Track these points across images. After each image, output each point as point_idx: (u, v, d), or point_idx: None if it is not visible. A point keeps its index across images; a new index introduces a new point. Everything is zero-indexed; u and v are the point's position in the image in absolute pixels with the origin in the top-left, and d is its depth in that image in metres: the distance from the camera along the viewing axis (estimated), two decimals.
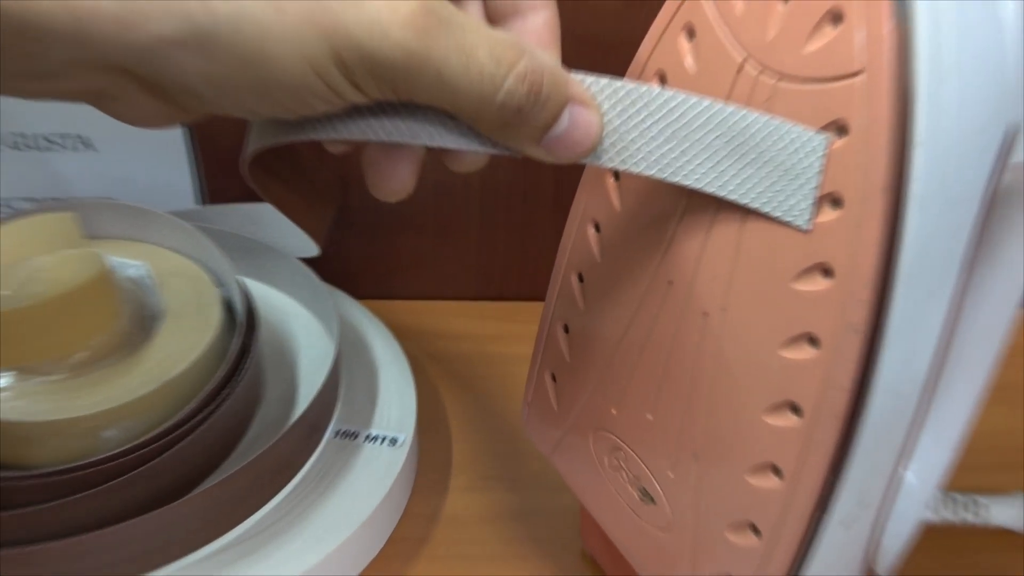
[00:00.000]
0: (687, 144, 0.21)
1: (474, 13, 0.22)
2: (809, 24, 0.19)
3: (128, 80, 0.19)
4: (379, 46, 0.18)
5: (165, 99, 0.19)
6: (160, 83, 0.19)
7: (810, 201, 0.19)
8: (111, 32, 0.17)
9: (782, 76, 0.20)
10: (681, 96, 0.21)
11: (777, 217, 0.20)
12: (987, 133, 0.19)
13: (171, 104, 0.19)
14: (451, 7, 0.18)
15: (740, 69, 0.21)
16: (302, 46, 0.18)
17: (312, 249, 0.42)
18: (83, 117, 0.41)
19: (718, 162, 0.21)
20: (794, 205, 0.20)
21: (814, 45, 0.19)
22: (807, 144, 0.19)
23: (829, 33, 0.19)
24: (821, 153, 0.19)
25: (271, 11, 0.17)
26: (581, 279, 0.26)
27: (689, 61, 0.22)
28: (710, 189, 0.21)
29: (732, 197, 0.21)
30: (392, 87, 0.19)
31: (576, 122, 0.20)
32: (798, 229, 0.20)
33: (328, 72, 0.18)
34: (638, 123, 0.21)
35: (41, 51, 0.17)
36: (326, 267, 0.41)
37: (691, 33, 0.22)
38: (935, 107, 0.18)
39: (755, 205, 0.20)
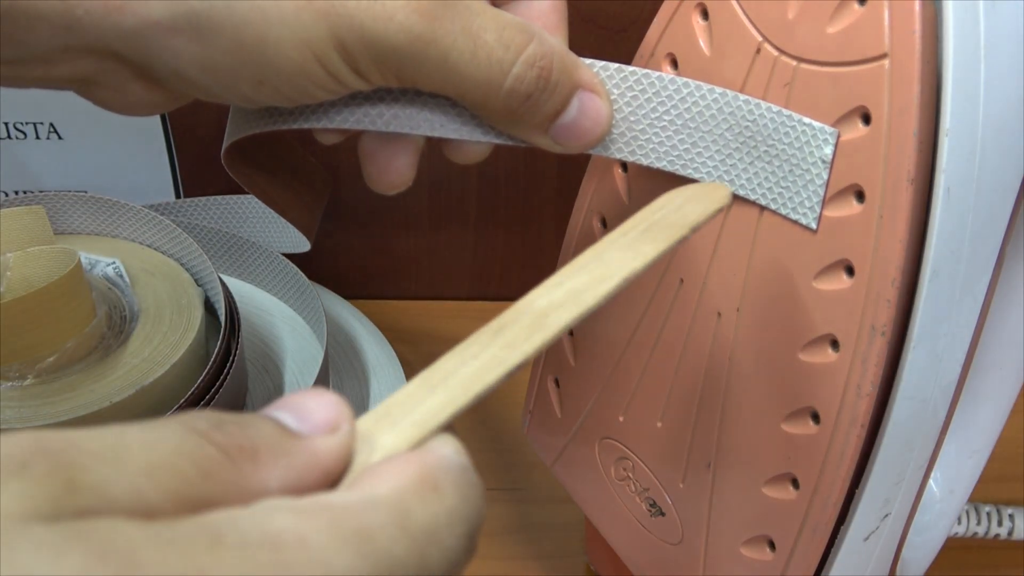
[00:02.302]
0: (698, 135, 0.21)
1: None
2: (833, 2, 0.19)
3: (118, 66, 0.19)
4: (383, 29, 0.18)
5: (156, 85, 0.19)
6: (151, 69, 0.19)
7: (818, 198, 0.19)
8: (99, 15, 0.17)
9: (802, 59, 0.20)
10: (693, 84, 0.21)
11: (785, 215, 0.20)
12: (1020, 122, 0.19)
13: (162, 91, 0.19)
14: None
15: (758, 51, 0.20)
16: (301, 30, 0.18)
17: (300, 244, 0.42)
18: (52, 104, 0.41)
19: (728, 155, 0.21)
20: (802, 202, 0.20)
21: (837, 25, 0.19)
22: (816, 137, 0.19)
23: (854, 12, 0.19)
24: (830, 147, 0.19)
25: None
26: None
27: (703, 43, 0.22)
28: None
29: (741, 193, 0.21)
30: (396, 73, 0.19)
31: (585, 110, 0.20)
32: (806, 228, 0.20)
33: (329, 58, 0.18)
34: (648, 112, 0.21)
35: (30, 36, 0.17)
36: (313, 265, 0.41)
37: (704, 13, 0.22)
38: (964, 93, 0.18)
39: (763, 202, 0.21)
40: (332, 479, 0.13)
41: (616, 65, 0.21)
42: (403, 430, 0.14)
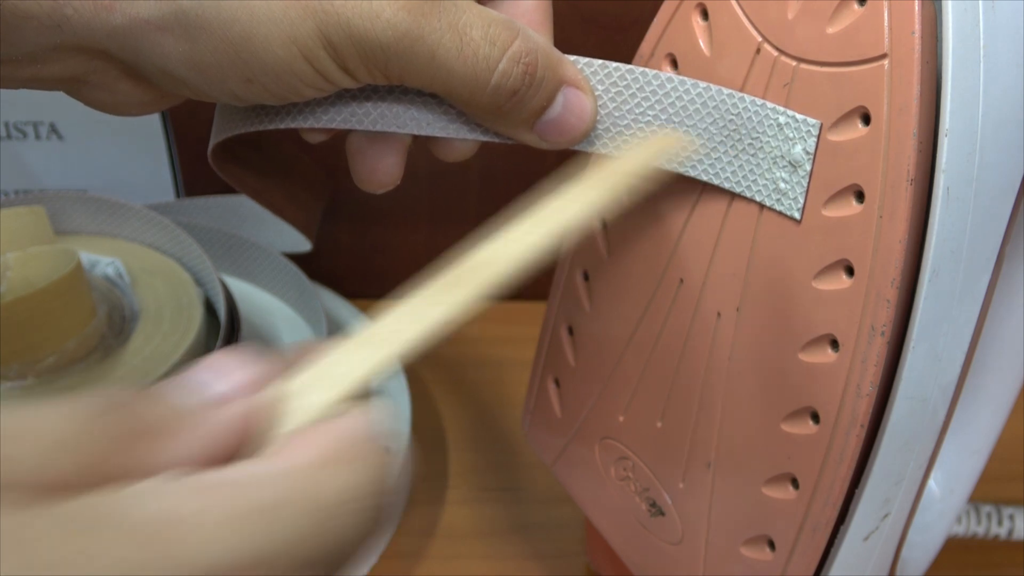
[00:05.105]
0: (683, 130, 0.21)
1: None
2: (832, 2, 0.19)
3: (108, 65, 0.19)
4: (370, 26, 0.18)
5: (146, 84, 0.19)
6: (140, 67, 0.19)
7: (802, 189, 0.20)
8: (88, 13, 0.17)
9: (802, 59, 0.20)
10: (676, 79, 0.21)
11: (770, 207, 0.20)
12: (1019, 122, 0.19)
13: (152, 90, 0.20)
14: None
15: (758, 51, 0.21)
16: (289, 27, 0.18)
17: (300, 244, 0.42)
18: (53, 104, 0.41)
19: (713, 148, 0.21)
20: (786, 194, 0.20)
21: (837, 25, 0.19)
22: (799, 129, 0.19)
23: (854, 12, 0.19)
24: (813, 139, 0.19)
25: None
26: (586, 277, 0.26)
27: (703, 43, 0.22)
28: (705, 177, 0.21)
29: (727, 186, 0.21)
30: (383, 70, 0.19)
31: (570, 106, 0.21)
32: (792, 220, 0.20)
33: (316, 55, 0.18)
34: (632, 107, 0.21)
35: (19, 35, 0.17)
36: (313, 264, 0.41)
37: (704, 13, 0.22)
38: (963, 93, 0.18)
39: (748, 194, 0.21)
40: (251, 442, 0.13)
41: (600, 61, 0.21)
42: (330, 388, 0.14)
